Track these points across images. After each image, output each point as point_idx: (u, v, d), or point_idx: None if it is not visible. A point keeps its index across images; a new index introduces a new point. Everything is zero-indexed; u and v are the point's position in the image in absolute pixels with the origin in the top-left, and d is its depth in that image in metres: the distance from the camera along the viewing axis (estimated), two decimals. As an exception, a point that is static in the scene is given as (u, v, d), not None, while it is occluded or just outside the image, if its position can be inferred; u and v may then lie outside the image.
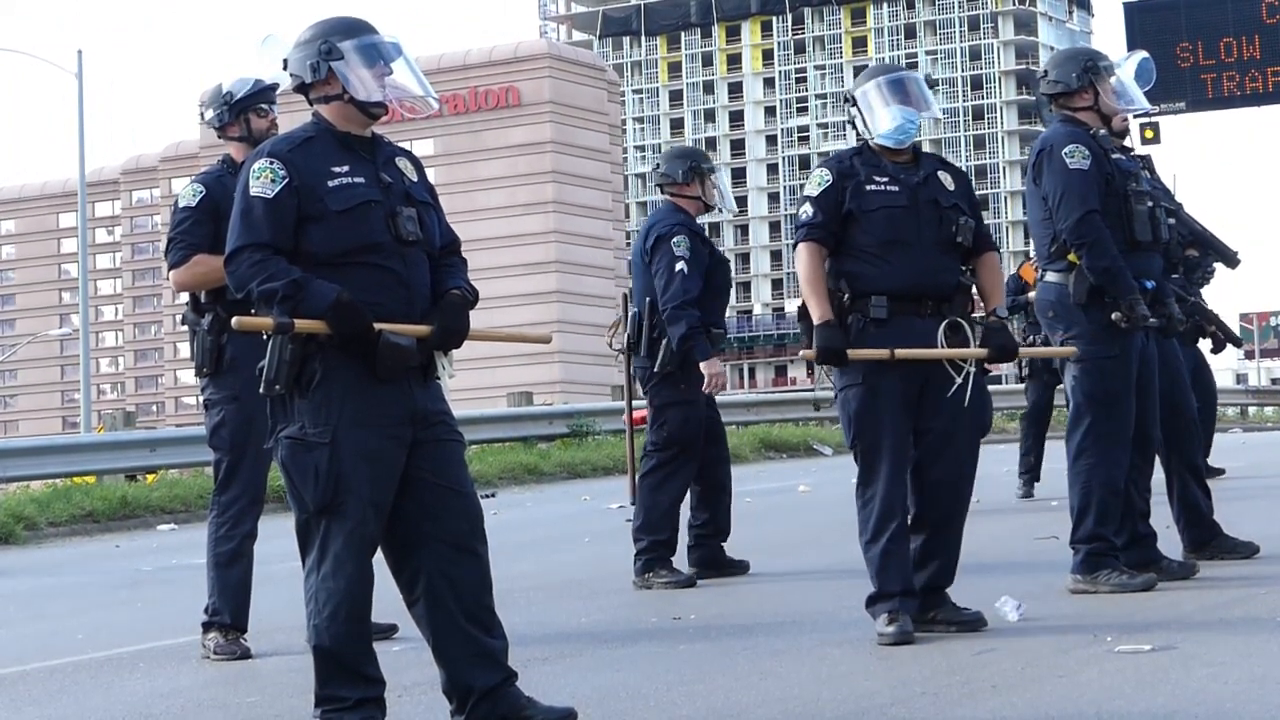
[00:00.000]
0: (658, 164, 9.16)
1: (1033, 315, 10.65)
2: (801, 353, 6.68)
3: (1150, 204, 7.46)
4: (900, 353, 6.52)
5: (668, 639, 6.96)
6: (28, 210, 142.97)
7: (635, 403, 10.73)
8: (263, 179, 5.20)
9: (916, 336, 6.59)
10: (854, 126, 6.82)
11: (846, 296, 6.62)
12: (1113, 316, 7.29)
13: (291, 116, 6.32)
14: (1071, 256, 7.36)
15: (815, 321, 6.59)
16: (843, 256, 6.66)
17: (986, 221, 7.46)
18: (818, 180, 6.72)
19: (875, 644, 6.45)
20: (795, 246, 6.76)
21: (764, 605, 7.79)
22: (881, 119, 6.70)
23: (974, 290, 6.83)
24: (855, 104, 6.78)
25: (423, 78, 5.53)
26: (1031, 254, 8.83)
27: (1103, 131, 7.45)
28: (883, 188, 6.65)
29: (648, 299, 8.82)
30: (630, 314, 8.98)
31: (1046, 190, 7.38)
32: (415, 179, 5.40)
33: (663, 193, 9.13)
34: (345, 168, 5.25)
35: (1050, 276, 7.50)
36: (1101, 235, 7.25)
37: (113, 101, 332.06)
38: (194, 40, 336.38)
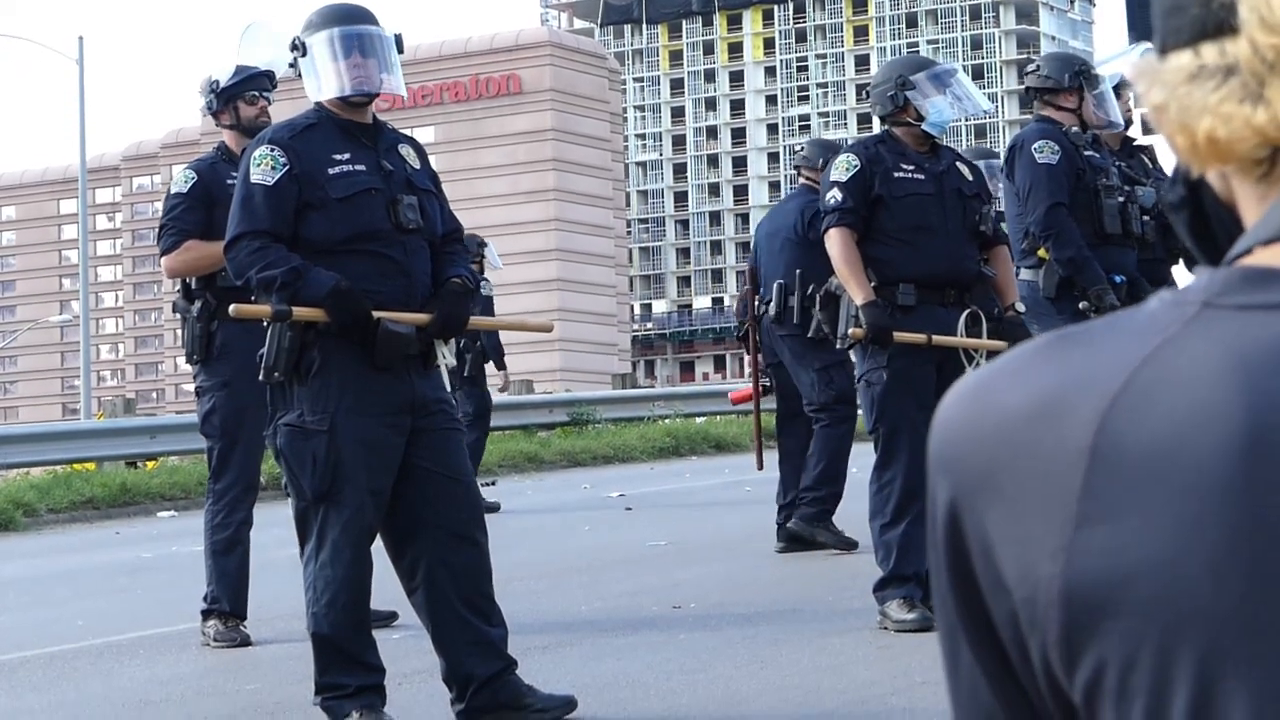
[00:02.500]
0: (800, 148, 9.77)
1: None
2: (850, 332, 6.67)
3: (1122, 199, 7.51)
4: (936, 339, 6.59)
5: (668, 628, 6.96)
6: (28, 196, 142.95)
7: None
8: (263, 166, 5.19)
9: (939, 325, 6.66)
10: (899, 107, 6.79)
11: (874, 283, 6.66)
12: (1080, 306, 7.33)
13: (294, 103, 6.32)
14: (1041, 252, 7.44)
15: (860, 302, 6.62)
16: (869, 242, 6.71)
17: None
18: (845, 165, 6.75)
19: (877, 632, 6.45)
20: (825, 231, 6.78)
21: (764, 594, 7.79)
22: (942, 107, 6.75)
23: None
24: (912, 88, 6.78)
25: (398, 72, 5.43)
26: None
27: (1074, 129, 7.51)
28: (910, 175, 6.72)
29: (798, 271, 8.90)
30: (776, 286, 9.03)
31: (1018, 185, 7.48)
32: (418, 166, 5.39)
33: (800, 175, 9.54)
34: (346, 155, 5.24)
35: (1023, 274, 7.57)
36: (1066, 226, 7.33)
37: (114, 88, 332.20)
38: (196, 26, 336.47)
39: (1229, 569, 0.81)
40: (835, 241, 6.70)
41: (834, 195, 6.72)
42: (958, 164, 6.90)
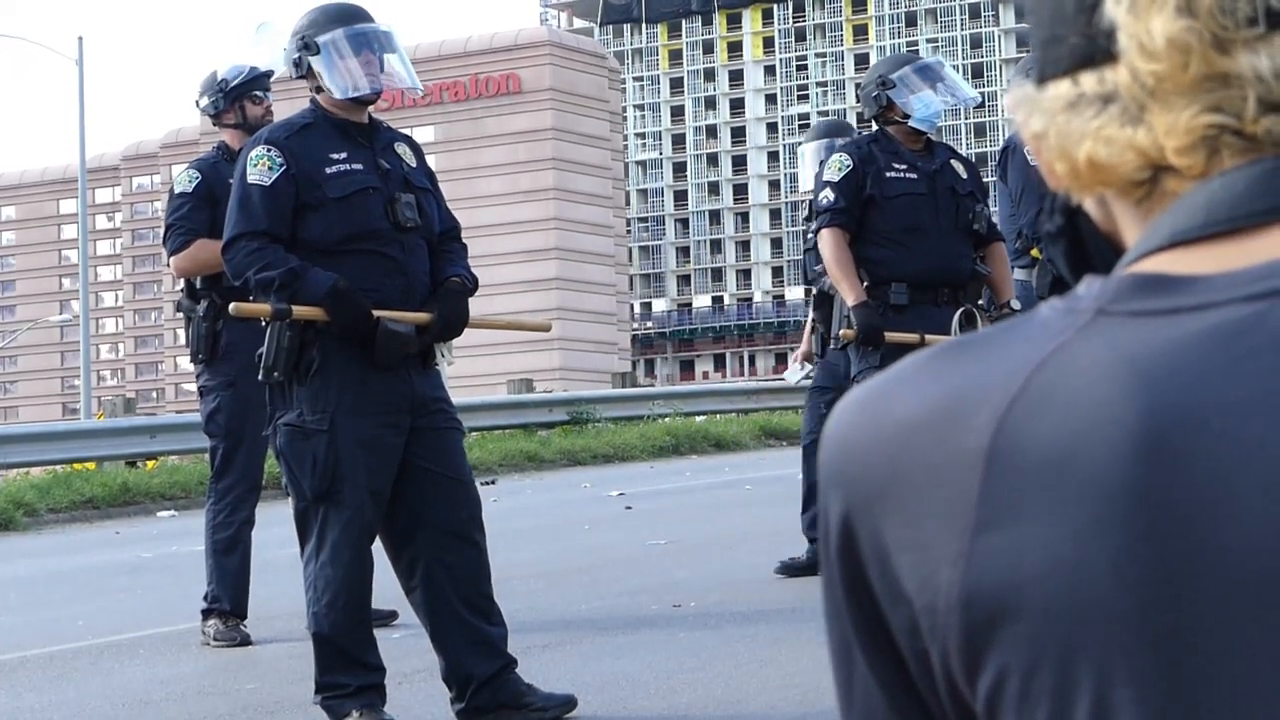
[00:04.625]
0: None
1: None
2: (841, 332, 6.71)
3: None
4: (929, 338, 6.61)
5: (668, 627, 6.96)
6: (28, 196, 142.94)
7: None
8: (260, 166, 5.18)
9: (933, 323, 6.67)
10: (882, 106, 6.81)
11: (866, 283, 6.68)
12: None
13: (292, 103, 6.32)
14: (1035, 252, 7.47)
15: (851, 303, 6.64)
16: (861, 243, 6.74)
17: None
18: (838, 165, 6.78)
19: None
20: (817, 232, 6.82)
21: (764, 593, 7.79)
22: (929, 100, 6.77)
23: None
24: (893, 87, 6.80)
25: (409, 66, 5.48)
26: None
27: None
28: (902, 174, 6.74)
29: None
30: None
31: (1011, 187, 7.51)
32: (414, 164, 5.39)
33: None
34: (343, 154, 5.23)
35: (1017, 274, 7.60)
36: None
37: (113, 88, 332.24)
38: (195, 26, 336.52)
39: (1128, 572, 0.80)
40: (827, 242, 6.73)
41: (826, 195, 6.75)
42: (952, 162, 6.92)
